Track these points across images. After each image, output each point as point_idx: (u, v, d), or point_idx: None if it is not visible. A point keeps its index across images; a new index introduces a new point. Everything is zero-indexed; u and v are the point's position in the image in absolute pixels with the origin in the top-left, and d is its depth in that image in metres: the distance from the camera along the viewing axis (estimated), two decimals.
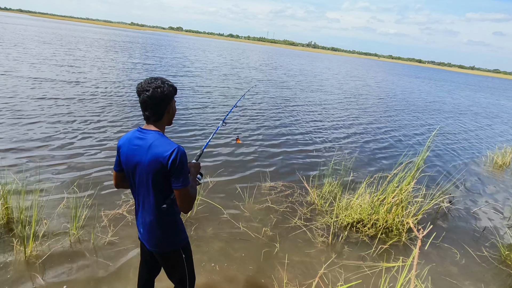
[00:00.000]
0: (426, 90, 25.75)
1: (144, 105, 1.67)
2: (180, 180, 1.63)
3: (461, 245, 3.97)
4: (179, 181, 1.63)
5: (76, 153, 5.10)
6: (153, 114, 1.69)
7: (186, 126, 7.32)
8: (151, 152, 1.64)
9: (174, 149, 1.62)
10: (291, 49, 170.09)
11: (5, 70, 10.87)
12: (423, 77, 47.15)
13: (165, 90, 1.68)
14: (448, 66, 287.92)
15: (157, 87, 1.65)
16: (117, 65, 16.02)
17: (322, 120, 9.91)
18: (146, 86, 1.65)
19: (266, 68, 25.07)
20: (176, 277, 2.02)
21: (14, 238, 2.99)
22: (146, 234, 1.85)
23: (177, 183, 1.63)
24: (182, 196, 1.65)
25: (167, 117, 1.76)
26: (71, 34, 38.30)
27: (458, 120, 13.38)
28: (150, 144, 1.65)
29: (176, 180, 1.63)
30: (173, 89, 1.74)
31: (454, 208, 4.92)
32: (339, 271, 3.15)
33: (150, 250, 1.94)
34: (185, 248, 1.94)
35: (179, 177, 1.63)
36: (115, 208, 3.73)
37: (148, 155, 1.64)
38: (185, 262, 1.96)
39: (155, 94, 1.64)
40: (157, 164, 1.62)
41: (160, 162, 1.61)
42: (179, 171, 1.62)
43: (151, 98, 1.65)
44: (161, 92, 1.66)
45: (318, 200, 4.44)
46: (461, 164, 7.27)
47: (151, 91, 1.64)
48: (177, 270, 1.98)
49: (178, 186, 1.63)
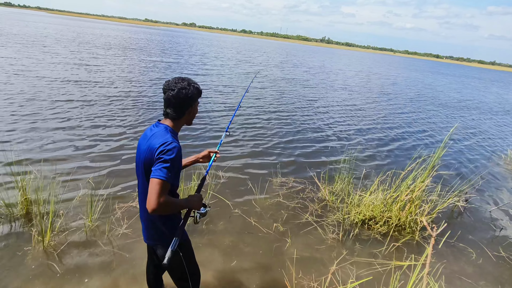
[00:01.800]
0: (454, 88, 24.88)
1: (167, 102, 1.71)
2: (157, 169, 1.56)
3: (477, 244, 3.87)
4: (156, 171, 1.56)
5: (92, 147, 5.22)
6: (173, 112, 1.73)
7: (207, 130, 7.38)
8: (148, 142, 1.68)
9: (166, 141, 1.62)
10: (305, 44, 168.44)
11: (29, 69, 11.21)
12: (446, 73, 45.85)
13: (190, 92, 1.71)
14: (467, 61, 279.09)
15: (182, 88, 1.69)
16: (139, 63, 16.21)
17: (334, 116, 9.79)
18: (173, 86, 1.69)
19: (286, 65, 24.74)
20: (176, 275, 2.01)
21: (33, 228, 3.10)
22: (144, 228, 1.88)
23: (154, 172, 1.56)
24: (152, 187, 1.53)
25: (186, 117, 1.80)
26: (90, 32, 39.02)
27: (480, 118, 12.98)
28: (151, 135, 1.69)
29: (155, 168, 1.57)
30: (198, 92, 1.78)
31: (470, 207, 4.79)
32: (350, 268, 3.13)
33: (148, 244, 1.96)
34: (182, 245, 1.89)
35: (158, 167, 1.57)
36: (129, 201, 3.81)
37: (145, 146, 1.69)
38: (183, 260, 1.91)
39: (180, 95, 1.69)
40: (148, 153, 1.65)
41: (151, 152, 1.64)
42: (162, 161, 1.58)
43: (175, 98, 1.69)
44: (185, 94, 1.70)
45: (329, 196, 4.41)
46: (479, 162, 7.06)
47: (176, 91, 1.68)
48: (175, 268, 1.96)
49: (154, 175, 1.55)
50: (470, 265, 3.47)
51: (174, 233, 1.72)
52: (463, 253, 3.67)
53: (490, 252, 3.75)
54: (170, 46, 30.90)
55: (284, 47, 78.64)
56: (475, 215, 4.62)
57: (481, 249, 3.79)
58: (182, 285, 2.04)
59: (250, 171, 5.12)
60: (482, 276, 3.31)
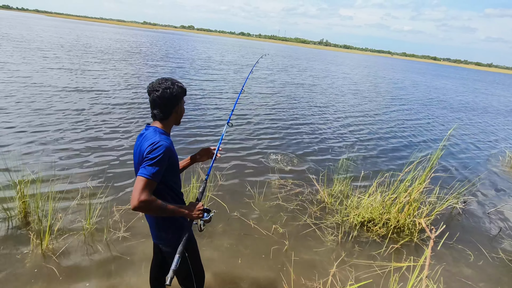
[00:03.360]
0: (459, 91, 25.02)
1: (153, 104, 1.74)
2: (142, 168, 1.57)
3: (476, 246, 3.88)
4: (141, 169, 1.58)
5: (91, 151, 5.21)
6: (160, 113, 1.75)
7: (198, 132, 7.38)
8: (140, 145, 1.71)
9: (154, 141, 1.63)
10: (303, 46, 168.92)
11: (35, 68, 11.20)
12: (447, 76, 45.97)
13: (174, 91, 1.74)
14: (465, 64, 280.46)
15: (166, 88, 1.71)
16: (141, 68, 16.25)
17: (333, 118, 9.82)
18: (156, 86, 1.71)
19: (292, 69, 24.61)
20: (181, 275, 2.00)
21: (31, 231, 3.09)
22: (150, 227, 1.91)
23: (139, 171, 1.58)
24: (136, 185, 1.55)
25: (174, 117, 1.82)
26: (92, 35, 39.04)
27: (479, 119, 13.04)
28: (142, 138, 1.72)
29: (140, 168, 1.58)
30: (182, 91, 1.80)
31: (468, 209, 4.81)
32: (349, 270, 3.13)
33: (155, 242, 1.99)
34: (188, 246, 1.88)
35: (143, 165, 1.58)
36: (127, 204, 3.80)
37: (138, 149, 1.72)
38: (188, 260, 1.90)
39: (164, 95, 1.71)
40: (140, 156, 1.68)
41: (141, 154, 1.66)
42: (148, 160, 1.59)
43: (160, 98, 1.71)
44: (170, 93, 1.72)
45: (328, 198, 4.41)
46: (477, 164, 7.08)
47: (160, 91, 1.70)
48: (181, 267, 1.92)
49: (139, 173, 1.57)
50: (469, 266, 3.48)
51: (177, 239, 1.74)
52: (462, 255, 3.67)
53: (489, 253, 3.76)
54: (172, 49, 30.91)
55: (283, 49, 78.81)
56: (474, 216, 4.63)
57: (479, 251, 3.79)
58: (186, 285, 2.05)
59: (249, 173, 5.12)
60: (481, 278, 3.32)
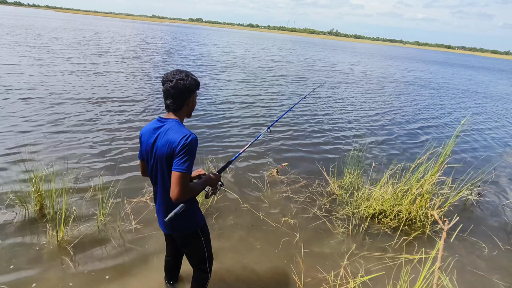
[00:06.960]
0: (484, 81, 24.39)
1: (166, 94, 1.76)
2: (179, 163, 1.65)
3: (490, 238, 3.81)
4: (178, 164, 1.65)
5: (102, 143, 5.30)
6: (173, 103, 1.77)
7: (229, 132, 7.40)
8: (165, 137, 1.71)
9: (186, 134, 1.68)
10: (313, 37, 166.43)
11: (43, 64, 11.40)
12: (472, 66, 44.55)
13: (188, 83, 1.75)
14: (481, 52, 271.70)
15: (180, 79, 1.73)
16: (156, 64, 16.33)
17: (343, 109, 9.70)
18: (171, 77, 1.73)
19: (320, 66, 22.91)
20: (196, 258, 2.11)
21: (47, 223, 3.18)
22: (161, 219, 1.94)
23: (176, 165, 1.65)
24: (175, 180, 1.65)
25: (186, 109, 1.83)
26: (106, 29, 39.31)
27: (494, 109, 12.68)
28: (166, 130, 1.73)
29: (177, 162, 1.66)
30: (196, 83, 1.81)
31: (483, 201, 4.71)
32: (360, 262, 3.12)
33: (169, 233, 2.05)
34: (202, 229, 2.02)
35: (180, 160, 1.65)
36: (138, 196, 3.86)
37: (162, 141, 1.72)
38: (203, 243, 2.04)
39: (178, 86, 1.73)
40: (169, 149, 1.69)
41: (172, 147, 1.68)
42: (182, 155, 1.65)
43: (174, 88, 1.73)
44: (183, 85, 1.73)
45: (338, 190, 4.38)
46: (492, 155, 6.91)
47: (174, 82, 1.72)
48: (196, 252, 2.07)
49: (176, 169, 1.65)
50: (482, 259, 3.42)
51: (188, 223, 1.93)
52: (476, 247, 3.61)
53: (504, 246, 3.69)
54: (195, 44, 30.92)
55: (294, 40, 77.81)
56: (488, 208, 4.54)
57: (494, 243, 3.72)
58: (200, 267, 2.14)
59: (258, 164, 5.12)
60: (496, 270, 3.26)
